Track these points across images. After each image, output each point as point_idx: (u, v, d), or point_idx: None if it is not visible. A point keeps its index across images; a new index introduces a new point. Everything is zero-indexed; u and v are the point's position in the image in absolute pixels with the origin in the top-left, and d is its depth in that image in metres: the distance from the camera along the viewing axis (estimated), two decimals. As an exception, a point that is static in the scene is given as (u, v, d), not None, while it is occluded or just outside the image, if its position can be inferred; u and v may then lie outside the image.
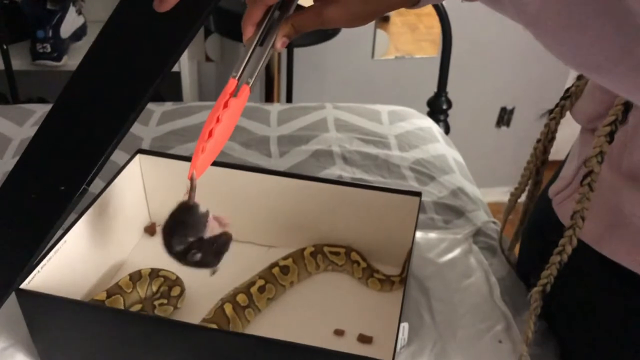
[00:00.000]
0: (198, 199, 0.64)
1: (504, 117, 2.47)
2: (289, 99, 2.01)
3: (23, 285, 0.63)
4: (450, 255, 0.89)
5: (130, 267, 0.81)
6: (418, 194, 0.79)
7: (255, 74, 0.58)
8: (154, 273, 0.79)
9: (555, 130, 0.75)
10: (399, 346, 0.71)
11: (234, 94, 0.60)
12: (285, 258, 0.83)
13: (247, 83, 0.59)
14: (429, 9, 2.17)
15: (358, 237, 0.85)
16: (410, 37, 2.23)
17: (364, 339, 0.74)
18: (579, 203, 0.62)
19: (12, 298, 0.66)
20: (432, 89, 1.60)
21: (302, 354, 0.59)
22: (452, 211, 1.00)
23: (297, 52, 2.00)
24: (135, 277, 0.79)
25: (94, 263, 0.78)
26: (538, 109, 2.22)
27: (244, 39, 0.60)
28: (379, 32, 2.16)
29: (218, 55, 2.09)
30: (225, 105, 0.59)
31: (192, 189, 0.63)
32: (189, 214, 0.65)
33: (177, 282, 0.78)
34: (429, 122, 1.29)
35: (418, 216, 0.78)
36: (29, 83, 1.77)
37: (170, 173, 0.85)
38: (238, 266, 0.71)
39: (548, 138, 0.76)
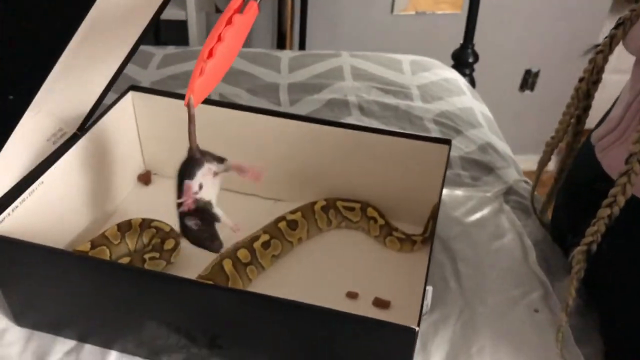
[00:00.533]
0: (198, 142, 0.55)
1: (529, 80, 2.34)
2: (301, 48, 1.90)
3: (-10, 229, 0.55)
4: (478, 215, 0.79)
5: (120, 219, 0.72)
6: (447, 142, 0.69)
7: None
8: (146, 224, 0.70)
9: (602, 69, 0.64)
10: (423, 311, 0.62)
11: (240, 10, 0.51)
12: (293, 212, 0.73)
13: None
14: None
15: (376, 191, 0.75)
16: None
17: (380, 304, 0.65)
18: (636, 144, 0.51)
19: None
20: (454, 46, 1.48)
21: (311, 315, 0.50)
22: (480, 167, 0.90)
23: (312, 2, 1.88)
24: (124, 228, 0.70)
25: (77, 211, 0.69)
26: (565, 73, 2.07)
27: None
28: (400, -16, 2.02)
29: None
30: (229, 22, 0.51)
31: (190, 121, 0.54)
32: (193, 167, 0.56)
33: (171, 234, 0.69)
34: (454, 74, 1.18)
35: (447, 168, 0.68)
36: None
37: (168, 114, 0.76)
38: (240, 221, 0.63)
39: (593, 78, 0.64)
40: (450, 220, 0.77)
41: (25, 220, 0.59)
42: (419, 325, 0.48)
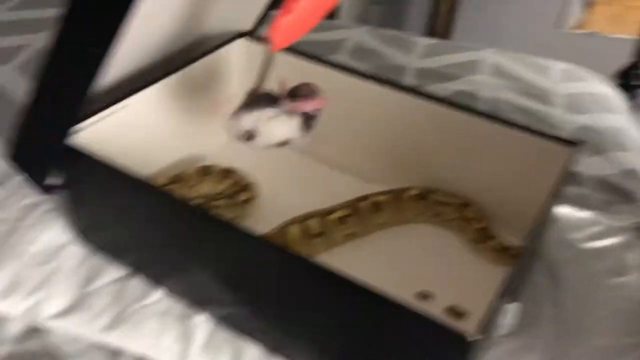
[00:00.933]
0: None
1: None
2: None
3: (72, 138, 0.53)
4: (600, 243, 0.66)
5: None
6: (574, 144, 0.58)
7: None
8: (226, 172, 0.67)
9: None
10: (501, 331, 0.52)
11: None
12: (381, 193, 0.66)
13: None
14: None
15: (481, 189, 0.65)
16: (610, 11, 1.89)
17: (455, 313, 0.56)
18: None
19: None
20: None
21: (361, 295, 0.43)
22: (618, 193, 0.76)
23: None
24: (205, 171, 0.67)
25: (162, 145, 0.67)
26: None
27: None
28: (574, -1, 1.84)
29: (384, -2, 1.92)
30: None
31: (266, 61, 0.49)
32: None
33: (249, 187, 0.65)
34: (610, 90, 1.03)
35: (566, 173, 0.57)
36: None
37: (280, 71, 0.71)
38: (325, 197, 0.57)
39: None
40: (563, 242, 0.65)
41: (106, 136, 0.57)
42: (482, 334, 0.39)
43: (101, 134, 0.57)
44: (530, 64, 1.04)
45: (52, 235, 0.61)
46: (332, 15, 1.62)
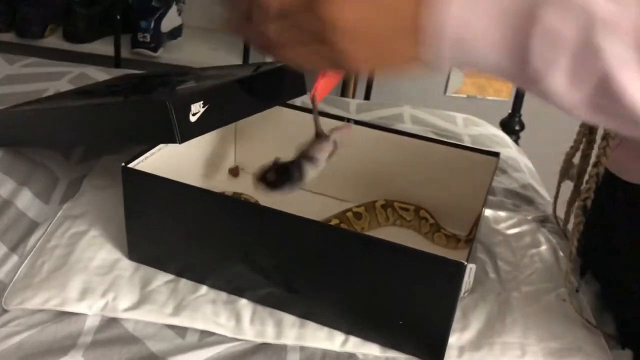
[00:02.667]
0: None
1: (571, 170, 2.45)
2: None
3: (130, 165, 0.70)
4: (518, 229, 0.90)
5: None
6: (496, 154, 0.82)
7: None
8: (237, 195, 0.85)
9: None
10: (463, 289, 0.73)
11: None
12: (358, 206, 0.86)
13: None
14: None
15: (429, 197, 0.87)
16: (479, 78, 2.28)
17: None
18: None
19: (113, 196, 0.73)
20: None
21: (379, 248, 0.62)
22: (521, 199, 1.01)
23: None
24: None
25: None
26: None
27: None
28: (454, 69, 2.22)
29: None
30: None
31: (314, 110, 0.65)
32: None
33: None
34: (502, 133, 1.32)
35: (493, 178, 0.81)
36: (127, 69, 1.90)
37: (265, 120, 0.90)
38: (310, 215, 0.75)
39: None
40: (493, 231, 0.89)
41: (152, 169, 0.73)
42: (467, 260, 0.59)
43: (148, 167, 0.73)
44: (439, 115, 1.31)
45: (104, 253, 0.75)
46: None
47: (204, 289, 0.72)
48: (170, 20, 1.85)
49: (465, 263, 0.59)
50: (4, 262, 0.73)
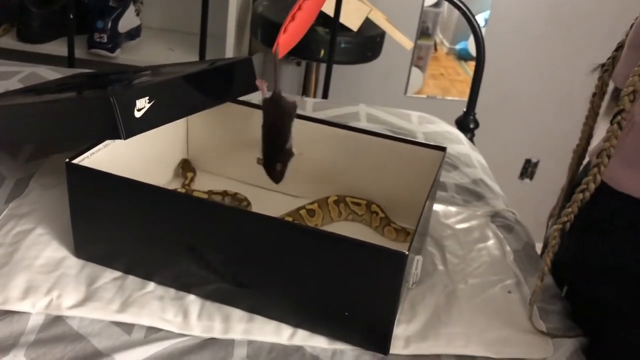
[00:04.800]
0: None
1: (528, 169, 2.51)
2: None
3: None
4: (467, 224, 0.92)
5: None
6: (443, 149, 0.84)
7: None
8: (225, 193, 0.87)
9: (607, 84, 0.77)
10: (410, 281, 0.74)
11: None
12: (311, 203, 0.87)
13: None
14: (463, 76, 2.26)
15: (379, 191, 0.88)
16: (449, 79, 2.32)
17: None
18: (606, 141, 0.65)
19: (61, 195, 0.72)
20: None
21: (327, 241, 0.63)
22: (472, 194, 1.03)
23: (335, 72, 2.08)
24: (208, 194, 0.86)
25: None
26: (563, 164, 2.24)
27: None
28: (414, 70, 2.25)
29: (259, 74, 2.19)
30: None
31: (276, 66, 0.67)
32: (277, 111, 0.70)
33: (246, 202, 0.86)
34: (456, 130, 1.34)
35: (439, 172, 0.82)
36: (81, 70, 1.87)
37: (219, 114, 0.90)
38: (265, 211, 0.76)
39: (602, 91, 0.78)
40: (442, 225, 0.90)
41: (97, 165, 0.73)
42: (408, 251, 0.60)
43: (94, 163, 0.72)
44: (395, 113, 1.33)
45: (50, 252, 0.74)
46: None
47: (151, 285, 0.72)
48: (128, 20, 1.83)
49: (407, 253, 0.60)
50: (-56, 262, 0.72)
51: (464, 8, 1.43)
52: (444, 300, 0.75)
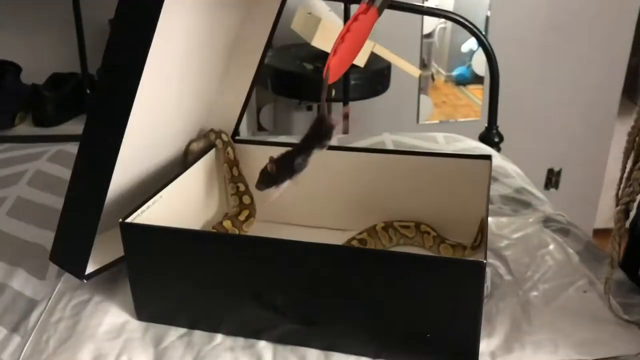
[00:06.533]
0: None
1: (552, 179, 2.48)
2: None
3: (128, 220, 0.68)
4: (522, 233, 0.90)
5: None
6: (488, 157, 0.82)
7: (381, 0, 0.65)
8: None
9: None
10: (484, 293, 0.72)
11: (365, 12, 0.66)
12: (360, 233, 0.85)
13: (375, 5, 0.65)
14: (465, 101, 2.27)
15: (426, 210, 0.86)
16: (452, 105, 2.33)
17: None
18: None
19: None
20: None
21: (402, 260, 0.61)
22: (518, 203, 1.01)
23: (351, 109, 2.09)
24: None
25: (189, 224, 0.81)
26: (587, 168, 2.22)
27: None
28: (423, 97, 2.26)
29: (271, 125, 2.21)
30: (355, 19, 0.65)
31: (324, 89, 0.65)
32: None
33: (250, 206, 0.84)
34: (484, 145, 1.33)
35: (490, 181, 0.80)
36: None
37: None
38: None
39: None
40: (498, 237, 0.88)
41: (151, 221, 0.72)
42: (485, 259, 0.58)
43: (147, 219, 0.71)
44: (420, 137, 1.32)
45: (111, 318, 0.72)
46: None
47: (219, 337, 0.69)
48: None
49: (485, 262, 0.57)
50: (5, 344, 0.70)
51: (470, 26, 1.44)
52: (520, 309, 0.72)
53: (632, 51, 2.26)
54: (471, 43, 2.21)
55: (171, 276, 0.69)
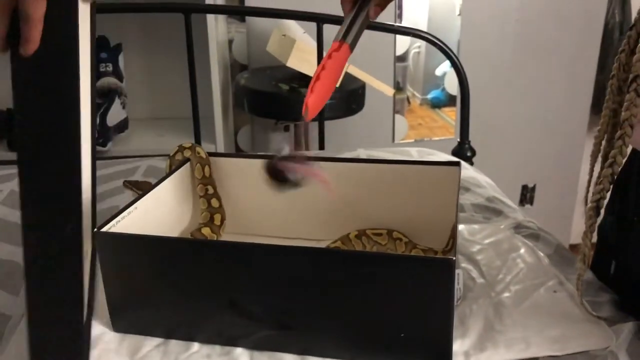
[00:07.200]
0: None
1: (527, 194, 2.52)
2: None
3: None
4: (494, 238, 0.91)
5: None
6: (457, 164, 0.84)
7: (354, 35, 0.67)
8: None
9: (629, 66, 0.67)
10: (455, 297, 0.73)
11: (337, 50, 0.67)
12: (334, 242, 0.86)
13: (347, 42, 0.66)
14: (440, 122, 2.32)
15: (398, 218, 0.88)
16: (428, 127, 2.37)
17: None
18: (626, 111, 0.63)
19: None
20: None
21: (373, 260, 0.62)
22: (490, 211, 1.03)
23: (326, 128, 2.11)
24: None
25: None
26: (560, 184, 2.26)
27: (344, 13, 0.69)
28: (398, 117, 2.29)
29: (249, 146, 2.22)
30: (329, 57, 0.66)
31: (304, 128, 0.66)
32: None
33: (220, 210, 0.86)
34: (456, 159, 1.36)
35: (459, 186, 0.82)
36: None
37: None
38: None
39: (622, 76, 0.69)
40: (470, 242, 0.90)
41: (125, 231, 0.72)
42: (455, 256, 0.59)
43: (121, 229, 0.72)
44: (394, 151, 1.34)
45: (86, 331, 0.72)
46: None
47: (195, 345, 0.69)
48: (115, 114, 1.86)
49: (454, 258, 0.59)
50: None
51: (440, 44, 1.48)
52: (492, 310, 0.73)
53: (598, 69, 2.33)
54: (445, 66, 2.27)
55: (146, 285, 0.70)
